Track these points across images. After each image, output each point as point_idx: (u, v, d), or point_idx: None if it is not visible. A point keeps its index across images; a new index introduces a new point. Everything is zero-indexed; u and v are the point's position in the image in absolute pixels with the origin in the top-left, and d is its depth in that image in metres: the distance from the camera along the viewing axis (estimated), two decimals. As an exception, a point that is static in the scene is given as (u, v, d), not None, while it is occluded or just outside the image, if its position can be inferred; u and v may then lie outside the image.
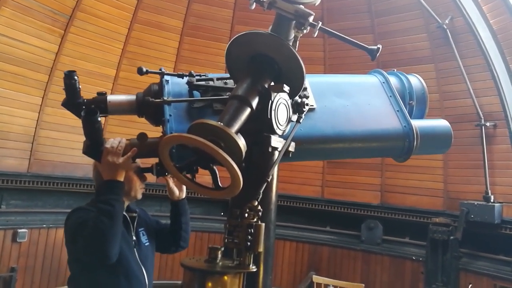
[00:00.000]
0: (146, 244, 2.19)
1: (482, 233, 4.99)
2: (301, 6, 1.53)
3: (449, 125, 2.24)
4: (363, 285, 4.63)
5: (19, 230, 4.97)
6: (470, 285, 4.89)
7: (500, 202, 4.93)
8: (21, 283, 5.00)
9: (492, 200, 4.94)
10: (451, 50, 5.28)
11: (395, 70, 2.41)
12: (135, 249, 2.10)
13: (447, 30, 5.27)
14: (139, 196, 2.14)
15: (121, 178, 1.79)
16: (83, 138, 1.88)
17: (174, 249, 2.37)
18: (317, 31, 1.56)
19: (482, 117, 5.10)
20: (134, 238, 2.12)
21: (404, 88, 2.28)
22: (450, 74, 5.41)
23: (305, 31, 1.56)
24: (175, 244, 2.33)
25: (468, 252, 5.14)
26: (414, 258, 5.54)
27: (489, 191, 4.97)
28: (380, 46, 1.68)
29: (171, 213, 2.31)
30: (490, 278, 4.87)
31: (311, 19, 1.52)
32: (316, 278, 4.80)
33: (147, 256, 2.17)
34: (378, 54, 1.67)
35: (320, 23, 1.56)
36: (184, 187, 2.27)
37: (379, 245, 5.85)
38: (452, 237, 5.10)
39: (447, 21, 5.26)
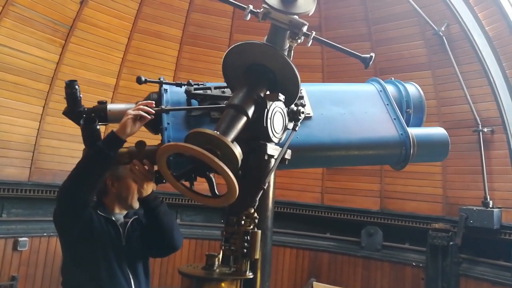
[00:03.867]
0: (139, 250, 2.17)
1: (482, 238, 4.99)
2: (295, 17, 1.57)
3: (446, 133, 2.25)
4: (363, 291, 4.63)
5: (20, 239, 4.99)
6: (471, 291, 4.89)
7: (499, 207, 4.93)
8: (21, 292, 5.01)
9: (491, 206, 4.94)
10: (448, 57, 5.32)
11: (393, 78, 2.43)
12: (124, 254, 2.10)
13: (443, 37, 5.32)
14: (136, 205, 2.13)
15: (122, 135, 1.78)
16: (83, 147, 1.91)
17: (163, 253, 2.28)
18: (311, 40, 1.60)
19: (480, 123, 5.13)
20: (124, 243, 2.13)
21: (401, 96, 2.30)
22: (447, 80, 5.44)
23: (299, 40, 1.59)
24: (163, 248, 2.17)
25: (468, 257, 5.14)
26: (414, 264, 5.54)
27: (488, 197, 4.97)
28: (373, 54, 1.71)
29: (145, 216, 2.10)
30: (490, 283, 4.86)
31: (305, 29, 1.55)
32: (317, 285, 4.79)
33: (138, 262, 2.16)
34: (371, 62, 1.70)
35: (314, 32, 1.59)
36: (150, 178, 1.89)
37: (379, 251, 5.85)
38: (451, 243, 5.09)
39: (443, 28, 5.31)
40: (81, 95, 1.83)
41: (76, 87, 1.81)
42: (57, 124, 5.24)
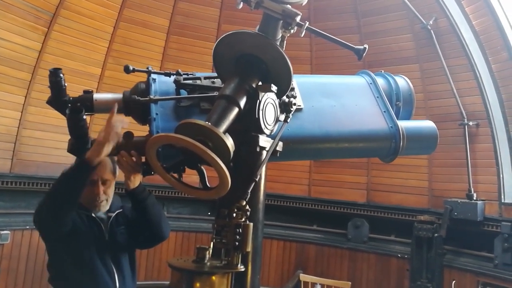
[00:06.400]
0: (124, 244, 2.15)
1: (466, 230, 5.08)
2: (288, 6, 1.53)
3: (435, 126, 2.27)
4: (350, 283, 4.68)
5: (2, 232, 4.87)
6: (454, 281, 4.98)
7: (482, 200, 5.02)
8: (3, 285, 4.90)
9: (475, 198, 5.02)
10: (435, 51, 5.36)
11: (383, 71, 2.43)
12: (108, 249, 2.08)
13: (431, 31, 5.34)
14: (103, 209, 2.17)
15: (92, 162, 1.79)
16: (68, 138, 1.85)
17: (150, 244, 2.29)
18: (304, 31, 1.57)
19: (465, 117, 5.19)
20: (107, 237, 2.11)
21: (391, 89, 2.31)
22: (434, 74, 5.49)
23: (292, 31, 1.56)
24: (151, 239, 2.20)
25: (452, 249, 5.23)
26: (399, 255, 5.61)
27: (472, 189, 5.05)
28: (366, 46, 1.69)
29: (134, 208, 2.10)
30: (473, 274, 4.96)
31: (298, 19, 1.52)
32: (303, 277, 4.83)
33: (122, 255, 2.14)
34: (364, 54, 1.68)
35: (307, 23, 1.57)
36: (137, 170, 1.82)
37: (365, 243, 5.91)
38: (436, 235, 5.18)
39: (431, 22, 5.33)
40: (66, 84, 1.78)
41: (61, 75, 1.76)
42: (40, 115, 5.10)
